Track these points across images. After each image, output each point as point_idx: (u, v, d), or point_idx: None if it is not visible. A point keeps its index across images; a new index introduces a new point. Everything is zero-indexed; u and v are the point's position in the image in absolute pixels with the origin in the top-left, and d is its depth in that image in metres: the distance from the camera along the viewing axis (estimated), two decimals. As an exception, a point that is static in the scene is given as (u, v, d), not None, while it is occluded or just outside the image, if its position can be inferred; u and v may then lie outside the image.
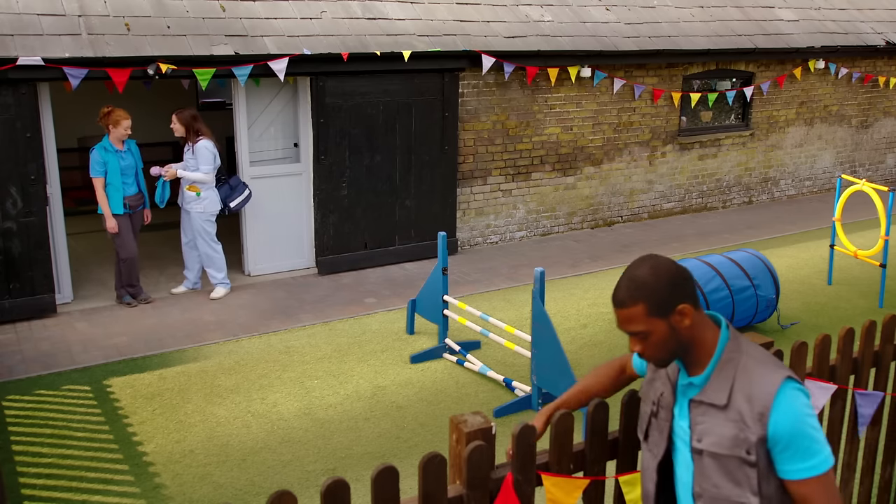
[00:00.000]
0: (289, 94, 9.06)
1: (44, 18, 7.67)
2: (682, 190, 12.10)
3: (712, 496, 2.38)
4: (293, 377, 6.64)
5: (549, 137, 10.65)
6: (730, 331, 2.42)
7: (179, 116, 8.21)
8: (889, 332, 3.88)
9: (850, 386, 3.79)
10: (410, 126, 9.39)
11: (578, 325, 7.76)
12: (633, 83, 11.06)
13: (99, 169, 7.73)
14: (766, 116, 12.72)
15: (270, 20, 8.64)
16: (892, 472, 4.13)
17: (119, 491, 5.05)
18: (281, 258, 9.19)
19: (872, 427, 3.96)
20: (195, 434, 5.73)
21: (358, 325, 7.76)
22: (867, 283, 8.99)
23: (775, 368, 2.32)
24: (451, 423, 2.66)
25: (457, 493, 2.54)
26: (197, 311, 8.07)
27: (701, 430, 2.38)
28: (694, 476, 2.43)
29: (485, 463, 2.54)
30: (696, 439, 2.39)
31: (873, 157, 14.39)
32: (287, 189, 9.02)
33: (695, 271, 7.20)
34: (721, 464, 2.35)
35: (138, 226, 8.17)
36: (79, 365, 6.82)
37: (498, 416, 5.94)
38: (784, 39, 12.16)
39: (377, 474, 2.37)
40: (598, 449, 2.86)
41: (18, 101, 7.48)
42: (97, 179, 7.76)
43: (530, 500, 2.67)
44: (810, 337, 7.40)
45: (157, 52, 7.79)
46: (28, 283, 7.77)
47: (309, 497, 4.93)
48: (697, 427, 2.39)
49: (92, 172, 7.76)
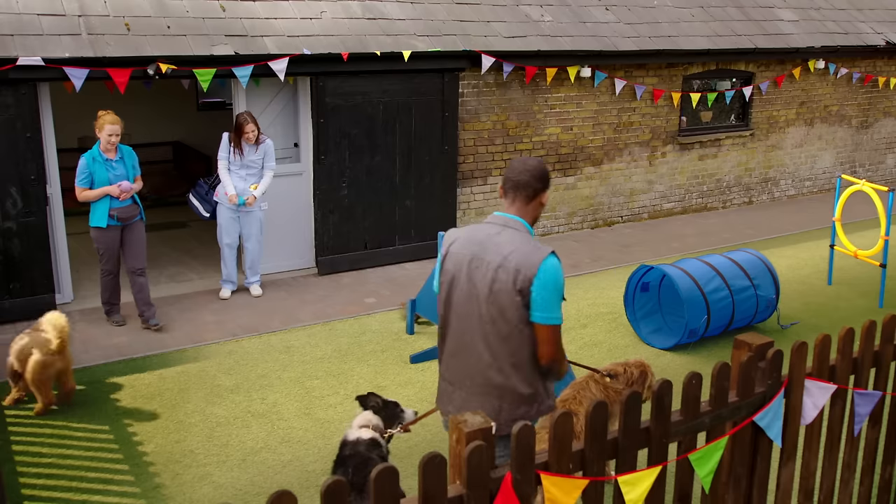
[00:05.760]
0: (289, 94, 9.06)
1: (44, 18, 7.67)
2: (682, 190, 12.10)
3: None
4: (293, 377, 6.64)
5: (549, 137, 10.65)
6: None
7: (255, 120, 8.04)
8: (889, 332, 3.89)
9: (850, 386, 3.79)
10: (410, 126, 9.39)
11: (578, 325, 7.75)
12: (633, 83, 11.06)
13: (83, 178, 7.06)
14: (767, 116, 12.72)
15: (270, 20, 8.65)
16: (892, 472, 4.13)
17: (119, 491, 5.05)
18: (281, 258, 9.19)
19: (872, 427, 3.96)
20: (195, 434, 5.73)
21: (358, 325, 7.76)
22: (867, 283, 8.99)
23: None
24: (451, 423, 2.66)
25: (457, 493, 2.54)
26: (197, 311, 8.07)
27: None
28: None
29: (485, 463, 2.54)
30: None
31: (873, 158, 14.39)
32: (287, 189, 9.02)
33: (695, 271, 7.20)
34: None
35: (138, 240, 7.41)
36: (79, 365, 6.81)
37: (498, 416, 5.94)
38: (784, 39, 12.16)
39: (377, 474, 2.37)
40: (597, 449, 2.87)
41: (18, 101, 7.48)
42: (80, 189, 7.08)
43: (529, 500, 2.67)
44: (810, 337, 7.40)
45: (157, 52, 7.79)
46: (28, 283, 7.77)
47: (309, 497, 4.93)
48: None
49: (77, 182, 7.09)
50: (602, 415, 2.85)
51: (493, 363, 3.45)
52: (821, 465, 3.84)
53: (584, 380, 4.95)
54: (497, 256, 3.42)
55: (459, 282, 3.52)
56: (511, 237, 3.47)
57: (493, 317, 3.41)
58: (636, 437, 2.99)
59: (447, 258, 3.59)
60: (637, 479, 2.92)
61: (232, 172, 8.11)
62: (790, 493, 3.66)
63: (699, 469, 3.19)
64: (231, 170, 8.11)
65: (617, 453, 2.96)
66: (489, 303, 3.42)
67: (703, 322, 7.04)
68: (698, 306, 6.99)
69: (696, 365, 6.89)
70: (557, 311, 3.38)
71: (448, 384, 3.63)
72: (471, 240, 3.53)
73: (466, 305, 3.49)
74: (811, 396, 3.54)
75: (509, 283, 3.36)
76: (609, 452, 2.93)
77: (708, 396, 3.26)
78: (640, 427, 3.00)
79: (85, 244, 10.08)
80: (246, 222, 8.28)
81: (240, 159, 8.07)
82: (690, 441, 3.20)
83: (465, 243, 3.54)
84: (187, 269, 9.42)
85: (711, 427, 3.25)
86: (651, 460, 3.04)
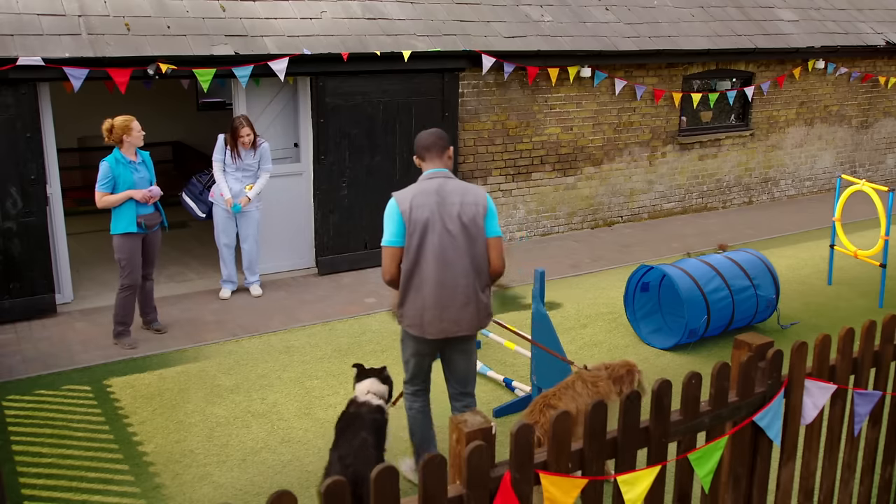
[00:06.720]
0: (289, 94, 9.06)
1: (44, 18, 7.67)
2: (682, 190, 12.10)
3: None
4: (293, 377, 6.64)
5: (549, 137, 10.65)
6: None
7: (251, 124, 7.98)
8: (889, 332, 3.89)
9: (850, 386, 3.79)
10: (410, 126, 9.39)
11: (578, 325, 7.76)
12: (633, 83, 11.06)
13: (105, 183, 6.79)
14: (766, 116, 12.72)
15: (270, 20, 8.65)
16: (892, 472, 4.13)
17: (119, 491, 5.05)
18: (281, 258, 9.18)
19: (872, 427, 3.96)
20: (195, 434, 5.74)
21: (358, 325, 7.76)
22: (867, 283, 8.99)
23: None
24: (451, 422, 2.66)
25: (457, 493, 2.54)
26: (197, 311, 8.07)
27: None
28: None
29: (485, 463, 2.54)
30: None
31: (873, 158, 14.39)
32: (287, 189, 9.02)
33: (695, 271, 7.20)
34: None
35: (156, 249, 7.28)
36: (79, 365, 6.82)
37: (498, 416, 5.94)
38: (784, 39, 12.16)
39: (377, 474, 2.37)
40: (596, 448, 2.86)
41: (18, 101, 7.48)
42: (101, 193, 6.82)
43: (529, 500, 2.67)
44: (810, 337, 7.40)
45: (157, 52, 7.79)
46: (28, 283, 7.77)
47: (309, 497, 4.93)
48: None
49: (98, 186, 6.80)
50: (601, 414, 2.85)
51: (472, 280, 4.53)
52: (821, 465, 3.84)
53: (571, 379, 4.91)
54: (457, 197, 4.52)
55: (433, 226, 4.47)
56: (456, 182, 4.60)
57: (468, 242, 4.50)
58: (635, 436, 2.99)
59: (412, 212, 4.48)
60: (636, 479, 2.92)
61: (227, 174, 8.11)
62: (790, 493, 3.66)
63: (699, 469, 3.19)
64: (227, 171, 8.11)
65: (616, 453, 2.96)
66: (463, 232, 4.49)
67: (703, 322, 7.04)
68: (698, 306, 6.99)
69: (696, 365, 6.89)
70: (499, 227, 4.63)
71: (437, 310, 4.52)
72: (426, 192, 4.52)
73: (445, 241, 4.47)
74: (811, 396, 3.54)
75: (473, 213, 4.51)
76: (608, 452, 2.93)
77: (708, 396, 3.26)
78: (640, 427, 3.00)
79: (85, 244, 10.09)
80: (242, 223, 8.28)
81: (235, 162, 8.06)
82: (690, 441, 3.20)
83: (423, 197, 4.51)
84: (187, 269, 9.42)
85: (711, 427, 3.25)
86: (650, 460, 3.04)
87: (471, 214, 4.51)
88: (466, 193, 4.54)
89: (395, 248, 4.57)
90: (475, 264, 4.53)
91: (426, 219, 4.47)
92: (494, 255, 4.57)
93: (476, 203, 4.52)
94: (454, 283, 4.51)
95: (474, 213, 4.51)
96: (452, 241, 4.48)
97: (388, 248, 4.59)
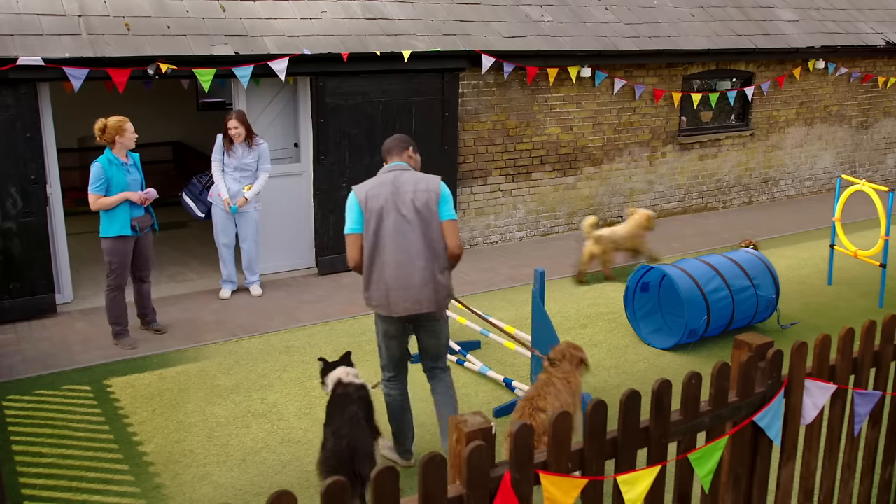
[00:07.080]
0: (289, 94, 9.06)
1: (44, 18, 7.67)
2: (682, 190, 12.10)
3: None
4: (293, 377, 6.64)
5: (549, 137, 10.65)
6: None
7: (241, 119, 7.98)
8: (889, 332, 3.89)
9: (850, 386, 3.79)
10: (410, 126, 9.39)
11: (578, 325, 7.76)
12: (633, 83, 11.06)
13: (98, 185, 6.71)
14: (766, 116, 12.72)
15: (270, 20, 8.65)
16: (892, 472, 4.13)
17: (119, 491, 5.05)
18: (281, 258, 9.19)
19: (872, 427, 3.96)
20: (195, 434, 5.73)
21: (358, 325, 7.76)
22: (867, 283, 8.98)
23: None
24: (451, 422, 2.66)
25: (457, 493, 2.54)
26: (197, 311, 8.07)
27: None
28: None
29: (485, 463, 2.54)
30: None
31: (873, 158, 14.39)
32: (287, 189, 9.02)
33: (695, 271, 7.20)
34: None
35: (149, 251, 7.22)
36: (79, 365, 6.82)
37: (498, 415, 5.94)
38: (784, 39, 12.16)
39: (377, 474, 2.37)
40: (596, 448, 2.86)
41: (18, 101, 7.48)
42: (95, 196, 6.74)
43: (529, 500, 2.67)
44: (810, 337, 7.40)
45: (157, 52, 7.79)
46: (28, 283, 7.77)
47: (309, 497, 4.93)
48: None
49: (91, 188, 6.73)
50: (601, 414, 2.85)
51: (429, 263, 4.81)
52: (821, 465, 3.84)
53: (546, 378, 4.89)
54: (411, 185, 4.84)
55: (388, 212, 4.78)
56: (411, 173, 4.94)
57: (423, 226, 4.79)
58: (635, 436, 2.99)
59: (368, 202, 4.80)
60: (636, 479, 2.92)
61: (226, 174, 8.12)
62: (790, 493, 3.66)
63: (699, 469, 3.19)
64: (225, 171, 8.11)
65: (616, 453, 2.96)
66: (418, 217, 4.78)
67: (703, 322, 7.04)
68: (698, 306, 6.99)
69: (696, 365, 6.89)
70: (453, 211, 4.91)
71: (400, 290, 4.80)
72: (382, 184, 4.87)
73: (400, 226, 4.77)
74: (811, 396, 3.54)
75: (426, 199, 4.81)
76: (608, 452, 2.93)
77: (708, 396, 3.26)
78: (640, 427, 3.00)
79: (85, 244, 10.09)
80: (241, 223, 8.28)
81: (232, 159, 8.06)
82: (690, 441, 3.20)
83: (379, 188, 4.85)
84: (187, 269, 9.42)
85: (711, 427, 3.25)
86: (650, 460, 3.04)
87: (423, 200, 4.81)
88: (419, 181, 4.87)
89: (356, 235, 4.87)
90: (431, 247, 4.82)
91: (381, 206, 4.80)
92: (450, 238, 4.86)
93: (428, 189, 4.84)
94: (412, 264, 4.80)
95: (427, 199, 4.82)
96: (407, 226, 4.79)
97: (349, 235, 4.90)
